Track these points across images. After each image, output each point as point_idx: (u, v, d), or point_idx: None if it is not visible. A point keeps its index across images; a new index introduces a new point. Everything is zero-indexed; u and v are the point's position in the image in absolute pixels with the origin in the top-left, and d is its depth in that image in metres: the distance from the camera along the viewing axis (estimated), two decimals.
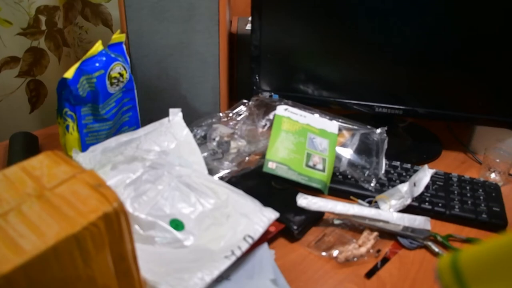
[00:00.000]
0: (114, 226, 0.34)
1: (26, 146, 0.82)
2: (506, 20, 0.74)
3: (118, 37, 0.76)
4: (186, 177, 0.65)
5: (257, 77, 0.89)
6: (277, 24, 0.83)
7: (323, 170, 0.74)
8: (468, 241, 0.67)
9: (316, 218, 0.69)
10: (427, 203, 0.72)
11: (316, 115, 0.81)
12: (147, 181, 0.63)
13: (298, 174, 0.73)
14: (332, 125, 0.81)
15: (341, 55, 0.84)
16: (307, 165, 0.74)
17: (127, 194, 0.61)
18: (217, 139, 0.79)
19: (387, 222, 0.65)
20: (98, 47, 0.72)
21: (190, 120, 0.80)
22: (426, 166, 0.74)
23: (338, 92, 0.88)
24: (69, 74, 0.69)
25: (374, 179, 0.76)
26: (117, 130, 0.81)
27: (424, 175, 0.71)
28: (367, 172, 0.77)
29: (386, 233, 0.67)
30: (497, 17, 0.74)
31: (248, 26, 0.98)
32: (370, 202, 0.72)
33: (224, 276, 0.55)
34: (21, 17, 0.94)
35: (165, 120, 0.77)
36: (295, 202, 0.66)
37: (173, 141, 0.74)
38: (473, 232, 0.69)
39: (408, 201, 0.70)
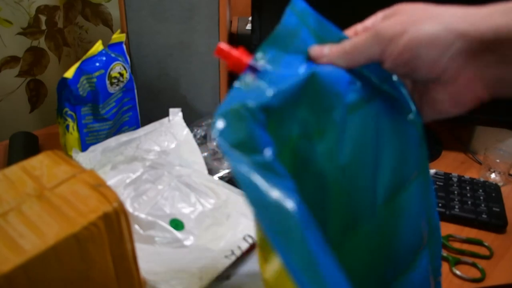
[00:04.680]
0: (114, 226, 0.34)
1: (26, 146, 0.82)
2: None
3: (118, 37, 0.76)
4: (186, 177, 0.65)
5: None
6: (277, 24, 0.83)
7: None
8: (468, 241, 0.67)
9: None
10: None
11: None
12: (147, 181, 0.63)
13: None
14: None
15: None
16: None
17: (127, 194, 0.61)
18: None
19: None
20: (98, 47, 0.72)
21: (190, 120, 0.80)
22: None
23: None
24: (69, 73, 0.69)
25: None
26: (117, 130, 0.81)
27: None
28: None
29: None
30: None
31: (248, 26, 0.98)
32: None
33: (224, 275, 0.55)
34: (21, 17, 0.94)
35: (165, 120, 0.77)
36: None
37: (173, 141, 0.74)
38: (473, 232, 0.69)
39: None
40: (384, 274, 0.37)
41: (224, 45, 0.36)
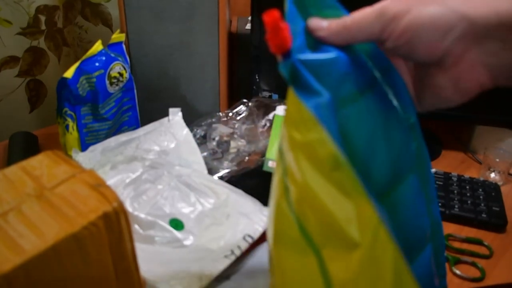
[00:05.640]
0: (114, 225, 0.34)
1: (26, 146, 0.82)
2: None
3: (117, 36, 0.76)
4: (186, 176, 0.65)
5: (257, 77, 0.89)
6: None
7: None
8: (467, 240, 0.67)
9: None
10: None
11: None
12: (147, 181, 0.63)
13: None
14: None
15: None
16: None
17: (126, 193, 0.61)
18: (217, 139, 0.80)
19: None
20: (98, 46, 0.72)
21: (190, 120, 0.80)
22: None
23: None
24: (69, 73, 0.69)
25: None
26: (116, 130, 0.81)
27: None
28: None
29: None
30: None
31: (248, 26, 0.98)
32: None
33: (224, 275, 0.55)
34: (21, 17, 0.94)
35: (165, 119, 0.77)
36: None
37: (173, 141, 0.74)
38: (472, 232, 0.69)
39: None
40: None
41: (277, 14, 0.30)
